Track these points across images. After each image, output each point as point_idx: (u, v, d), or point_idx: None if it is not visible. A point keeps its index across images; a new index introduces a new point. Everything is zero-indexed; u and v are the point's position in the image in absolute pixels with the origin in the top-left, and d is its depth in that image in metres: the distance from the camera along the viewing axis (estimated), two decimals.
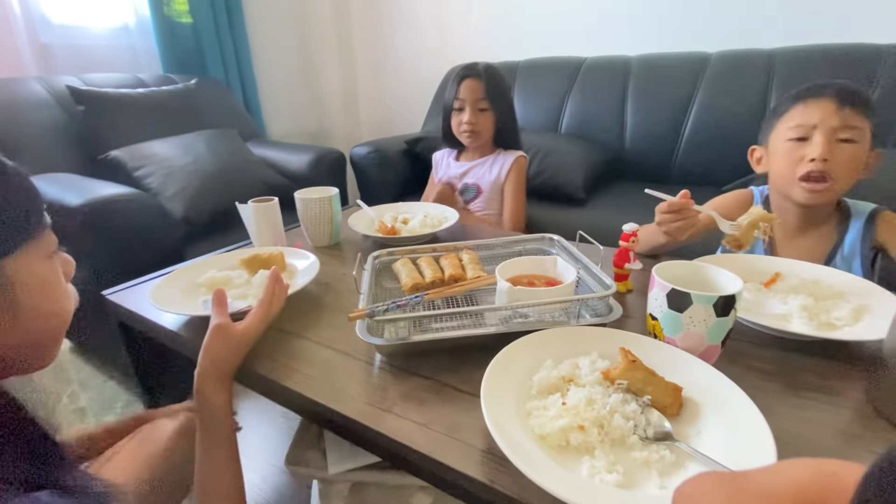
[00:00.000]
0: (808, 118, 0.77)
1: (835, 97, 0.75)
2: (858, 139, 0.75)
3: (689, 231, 0.73)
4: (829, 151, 0.75)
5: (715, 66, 1.67)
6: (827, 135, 0.75)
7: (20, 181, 0.39)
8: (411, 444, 0.47)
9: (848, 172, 0.76)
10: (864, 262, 0.82)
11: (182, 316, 0.72)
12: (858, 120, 0.75)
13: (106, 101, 1.55)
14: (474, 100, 1.29)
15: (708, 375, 0.50)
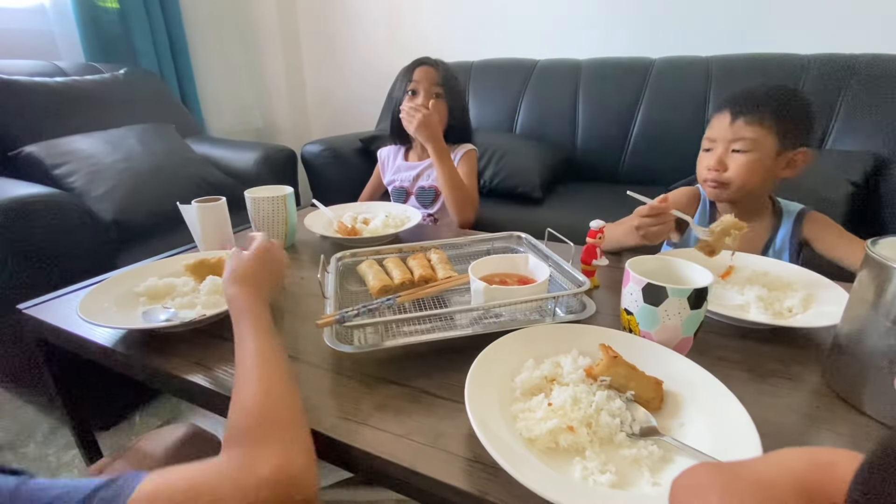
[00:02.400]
0: (711, 132, 0.90)
1: (729, 111, 0.86)
2: (751, 148, 0.85)
3: (664, 236, 0.75)
4: (720, 162, 0.87)
5: (658, 71, 1.76)
6: (722, 146, 0.87)
7: None
8: (392, 457, 0.43)
9: (744, 176, 0.86)
10: (792, 255, 0.90)
11: (117, 330, 0.64)
12: (751, 130, 0.84)
13: (17, 90, 1.37)
14: (429, 84, 1.23)
15: (685, 368, 0.51)
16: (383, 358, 0.58)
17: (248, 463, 0.37)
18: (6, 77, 1.38)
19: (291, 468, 0.37)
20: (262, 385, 0.43)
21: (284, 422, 0.41)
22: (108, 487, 0.31)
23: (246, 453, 0.38)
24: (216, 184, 1.50)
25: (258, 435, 0.39)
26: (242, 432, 0.40)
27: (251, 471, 0.36)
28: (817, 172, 1.26)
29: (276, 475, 0.36)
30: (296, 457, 0.39)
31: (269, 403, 0.42)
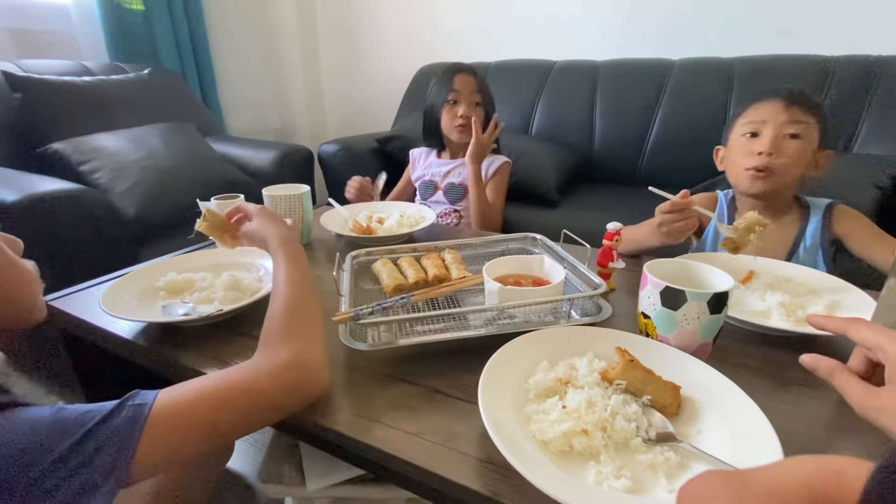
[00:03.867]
0: (759, 115, 0.85)
1: (784, 98, 0.83)
2: (804, 134, 0.82)
3: (689, 232, 0.74)
4: (774, 145, 0.82)
5: (678, 72, 1.73)
6: (775, 129, 0.82)
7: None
8: (405, 456, 0.43)
9: (793, 165, 0.82)
10: (826, 254, 0.87)
11: (138, 323, 0.65)
12: (805, 116, 0.81)
13: (46, 89, 1.41)
14: (469, 93, 1.28)
15: (703, 373, 0.50)
16: (397, 356, 0.58)
17: (266, 356, 0.46)
18: (37, 76, 1.43)
19: (305, 358, 0.47)
20: (288, 302, 0.52)
21: (303, 328, 0.50)
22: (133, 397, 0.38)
23: (266, 351, 0.47)
24: (235, 182, 1.53)
25: (278, 337, 0.48)
26: (267, 336, 0.49)
27: (269, 362, 0.45)
28: (843, 177, 1.23)
29: (288, 364, 0.45)
30: (310, 351, 0.48)
31: (291, 315, 0.50)
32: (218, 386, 0.41)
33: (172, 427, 0.38)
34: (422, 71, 2.21)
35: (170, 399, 0.39)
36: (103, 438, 0.34)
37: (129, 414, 0.36)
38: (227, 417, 0.41)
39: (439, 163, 1.40)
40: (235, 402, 0.41)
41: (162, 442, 0.37)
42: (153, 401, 0.38)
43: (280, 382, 0.44)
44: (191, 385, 0.41)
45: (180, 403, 0.39)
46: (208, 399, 0.40)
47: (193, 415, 0.39)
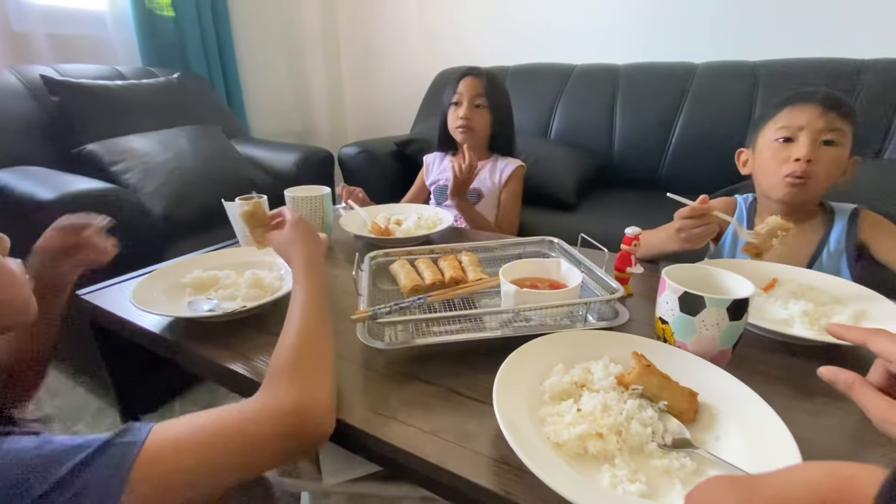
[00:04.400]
0: (794, 120, 0.81)
1: (820, 102, 0.80)
2: (840, 142, 0.79)
3: (708, 238, 0.73)
4: (813, 152, 0.79)
5: (701, 76, 1.71)
6: (812, 136, 0.80)
7: None
8: (420, 453, 0.44)
9: (828, 173, 0.80)
10: (850, 260, 0.85)
11: (165, 317, 0.68)
12: (842, 123, 0.79)
13: (82, 93, 1.47)
14: (472, 95, 1.28)
15: (721, 380, 0.49)
16: (413, 355, 0.59)
17: (270, 397, 0.43)
18: (73, 80, 1.49)
19: (307, 402, 0.43)
20: (301, 334, 0.49)
21: (309, 363, 0.47)
22: (124, 434, 0.35)
23: (270, 391, 0.44)
24: (258, 183, 1.56)
25: (284, 375, 0.45)
26: (275, 372, 0.46)
27: (272, 404, 0.42)
28: (873, 184, 1.19)
29: (292, 408, 0.42)
30: (317, 393, 0.44)
31: (302, 350, 0.47)
32: (215, 426, 0.38)
33: (162, 471, 0.34)
34: (441, 75, 2.23)
35: (163, 438, 0.35)
36: (87, 479, 0.31)
37: (118, 452, 0.33)
38: (222, 461, 0.38)
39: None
40: (232, 444, 0.38)
41: (150, 485, 0.33)
42: (144, 439, 0.34)
43: (280, 427, 0.40)
44: (186, 423, 0.38)
45: (173, 445, 0.35)
46: (204, 440, 0.37)
47: (187, 458, 0.36)
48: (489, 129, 1.32)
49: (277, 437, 0.40)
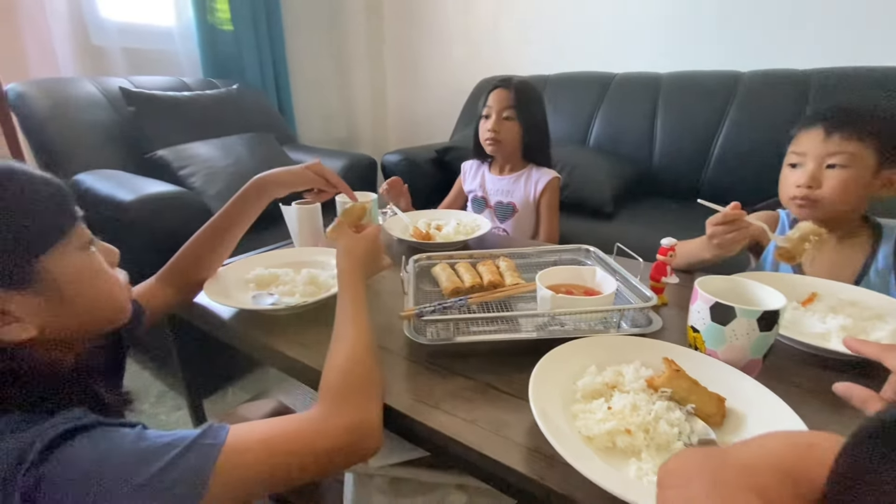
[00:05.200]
0: (800, 146, 0.84)
1: (824, 126, 0.81)
2: (848, 163, 0.79)
3: (741, 244, 0.74)
4: (813, 178, 0.81)
5: (747, 85, 1.68)
6: (815, 161, 0.81)
7: (48, 188, 0.45)
8: (462, 439, 0.49)
9: (839, 193, 0.80)
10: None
11: (231, 309, 0.76)
12: (848, 145, 0.79)
13: (154, 103, 1.62)
14: (500, 108, 1.30)
15: (750, 388, 0.51)
16: (453, 352, 0.64)
17: (331, 415, 0.47)
18: (147, 91, 1.65)
19: (364, 424, 0.48)
20: (351, 352, 0.53)
21: (363, 386, 0.51)
22: (205, 436, 0.40)
23: (330, 408, 0.48)
24: None
25: (342, 394, 0.49)
26: (331, 390, 0.50)
27: (333, 422, 0.46)
28: None
29: (350, 427, 0.46)
30: (367, 415, 0.49)
31: (352, 369, 0.52)
32: (283, 436, 0.43)
33: (238, 470, 0.39)
34: (481, 83, 2.28)
35: (239, 442, 0.40)
36: (179, 473, 0.36)
37: (201, 453, 0.38)
38: (287, 467, 0.42)
39: (491, 179, 1.43)
40: (297, 454, 0.43)
41: (227, 482, 0.38)
42: (223, 441, 0.39)
43: (339, 443, 0.45)
44: (257, 431, 0.43)
45: (248, 448, 0.40)
46: (272, 448, 0.42)
47: (258, 461, 0.41)
48: (520, 141, 1.33)
49: (336, 451, 0.45)
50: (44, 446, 0.33)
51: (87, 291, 0.46)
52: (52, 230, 0.43)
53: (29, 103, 1.46)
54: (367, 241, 0.69)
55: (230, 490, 0.39)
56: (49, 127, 1.47)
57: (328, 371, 0.52)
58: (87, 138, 1.53)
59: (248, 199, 0.77)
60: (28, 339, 0.40)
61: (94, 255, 0.48)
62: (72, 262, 0.44)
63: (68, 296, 0.43)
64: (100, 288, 0.48)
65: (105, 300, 0.48)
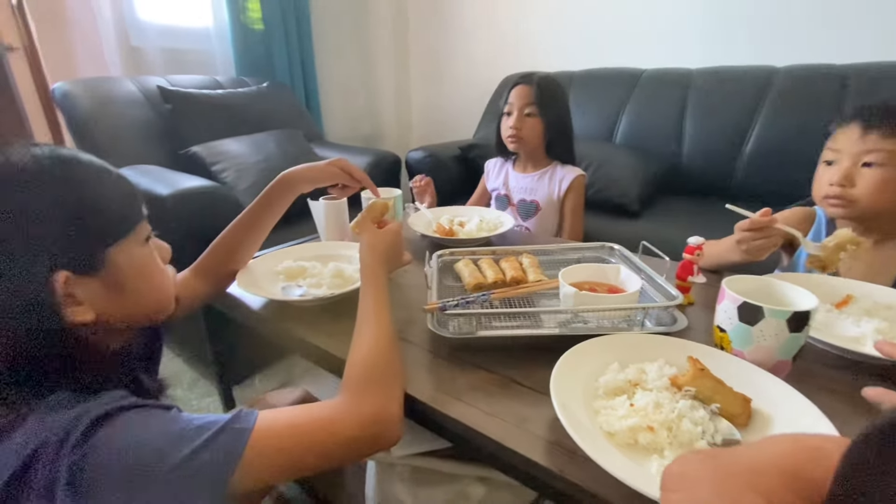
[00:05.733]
0: (836, 143, 0.82)
1: (859, 124, 0.79)
2: (885, 162, 0.77)
3: (770, 251, 0.73)
4: (847, 177, 0.79)
5: (783, 81, 1.62)
6: (850, 160, 0.79)
7: (124, 184, 0.49)
8: (483, 431, 0.50)
9: (875, 193, 0.78)
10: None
11: (262, 299, 0.79)
12: (886, 143, 0.76)
13: (190, 101, 1.69)
14: (522, 105, 1.29)
15: (778, 389, 0.50)
16: (475, 346, 0.65)
17: (354, 405, 0.48)
18: (183, 90, 1.71)
19: (385, 414, 0.49)
20: (373, 345, 0.55)
21: (385, 377, 0.52)
22: (236, 420, 0.41)
23: (353, 398, 0.49)
24: None
25: (364, 385, 0.50)
26: (354, 381, 0.51)
27: (356, 411, 0.48)
28: None
29: (373, 417, 0.48)
30: (390, 406, 0.50)
31: (375, 361, 0.53)
32: (309, 423, 0.45)
33: (266, 453, 0.41)
34: (505, 80, 2.27)
35: (267, 427, 0.42)
36: (213, 451, 0.38)
37: (231, 437, 0.40)
38: (311, 453, 0.44)
39: (514, 177, 1.43)
40: (320, 440, 0.44)
41: (255, 465, 0.40)
42: (253, 425, 0.41)
43: (364, 433, 0.46)
44: (284, 417, 0.44)
45: (275, 433, 0.42)
46: (298, 434, 0.43)
47: (284, 446, 0.42)
48: (542, 137, 1.32)
49: (357, 440, 0.46)
50: (87, 425, 0.35)
51: (143, 284, 0.49)
52: (124, 223, 0.46)
53: (74, 102, 1.54)
54: (389, 237, 0.71)
55: (257, 473, 0.40)
56: (92, 124, 1.54)
57: (351, 363, 0.53)
58: (128, 135, 1.60)
59: (275, 194, 0.80)
60: (86, 322, 0.42)
61: (152, 252, 0.51)
62: (135, 255, 0.47)
63: (127, 286, 0.46)
64: (154, 282, 0.51)
65: (157, 293, 0.51)
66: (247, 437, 0.40)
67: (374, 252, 0.67)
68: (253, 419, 0.42)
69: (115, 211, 0.46)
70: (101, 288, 0.44)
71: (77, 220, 0.41)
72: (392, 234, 0.71)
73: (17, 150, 0.41)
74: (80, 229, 0.42)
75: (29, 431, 0.35)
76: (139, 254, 0.48)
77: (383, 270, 0.65)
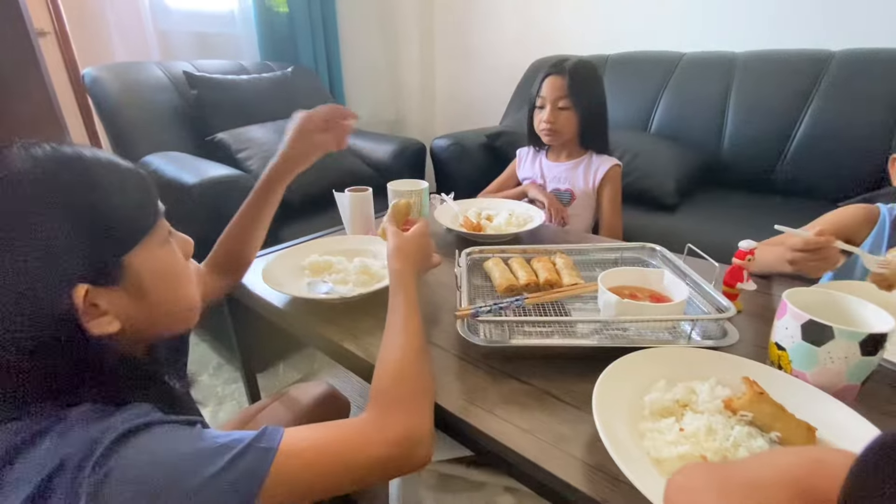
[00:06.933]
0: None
1: None
2: None
3: (826, 270, 0.67)
4: None
5: (838, 66, 1.50)
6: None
7: (136, 181, 0.44)
8: (519, 449, 0.47)
9: None
10: None
11: (286, 296, 0.77)
12: None
13: (215, 86, 1.67)
14: (555, 98, 1.23)
15: (846, 418, 0.46)
16: (507, 354, 0.62)
17: (382, 424, 0.45)
18: (209, 75, 1.70)
19: (415, 433, 0.45)
20: (401, 357, 0.52)
21: (415, 394, 0.49)
22: (261, 439, 0.39)
23: (381, 416, 0.46)
24: (358, 173, 1.68)
25: (393, 402, 0.47)
26: (382, 396, 0.48)
27: (384, 430, 0.45)
28: None
29: (402, 436, 0.44)
30: (418, 425, 0.46)
31: (405, 375, 0.50)
32: (335, 443, 0.43)
33: (291, 473, 0.39)
34: (534, 65, 2.18)
35: (292, 446, 0.40)
36: (235, 475, 0.36)
37: (256, 457, 0.38)
38: (337, 474, 0.42)
39: (548, 166, 1.38)
40: (347, 461, 0.42)
41: (280, 485, 0.38)
42: (278, 445, 0.39)
43: (389, 453, 0.44)
44: (311, 436, 0.42)
45: (301, 452, 0.40)
46: (324, 453, 0.41)
47: (310, 465, 0.40)
48: (577, 129, 1.27)
49: (385, 461, 0.44)
50: (110, 443, 0.34)
51: (168, 287, 0.45)
52: (139, 226, 0.43)
53: (103, 87, 1.55)
54: (416, 240, 0.67)
55: (282, 493, 0.38)
56: (121, 110, 1.55)
57: (380, 376, 0.50)
58: (155, 121, 1.61)
59: (262, 196, 0.79)
60: (111, 332, 0.40)
61: (174, 250, 0.47)
62: (156, 258, 0.44)
63: (151, 291, 0.43)
64: (178, 287, 0.47)
65: (181, 300, 0.48)
66: (272, 457, 0.38)
67: (403, 257, 0.64)
68: (278, 438, 0.40)
69: (127, 214, 0.42)
70: (125, 297, 0.42)
71: (87, 229, 0.38)
72: (419, 237, 0.68)
73: (14, 154, 0.37)
74: (92, 239, 0.38)
75: (50, 448, 0.34)
76: (160, 255, 0.45)
77: (413, 276, 0.62)
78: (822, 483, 0.22)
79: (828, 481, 0.21)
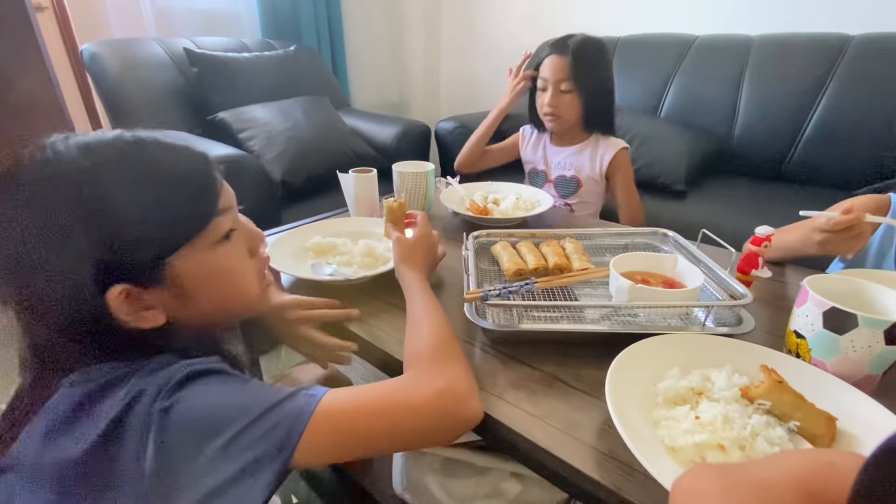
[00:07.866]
0: None
1: None
2: None
3: (858, 248, 0.65)
4: None
5: (856, 50, 1.46)
6: None
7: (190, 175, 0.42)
8: (530, 436, 0.46)
9: None
10: None
11: (290, 277, 0.76)
12: None
13: (217, 64, 1.64)
14: (557, 80, 1.17)
15: (867, 407, 0.44)
16: (515, 338, 0.61)
17: (426, 375, 0.46)
18: (209, 53, 1.66)
19: (458, 386, 0.45)
20: (433, 330, 0.52)
21: (453, 356, 0.49)
22: (306, 388, 0.41)
23: (425, 370, 0.47)
24: (362, 154, 1.65)
25: (433, 360, 0.48)
26: (420, 358, 0.49)
27: (428, 381, 0.45)
28: None
29: (446, 388, 0.44)
30: (462, 379, 0.46)
31: (439, 342, 0.50)
32: (378, 396, 0.42)
33: (333, 423, 0.39)
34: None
35: (334, 399, 0.40)
36: (280, 417, 0.37)
37: (301, 402, 0.39)
38: (382, 427, 0.41)
39: (553, 151, 1.32)
40: (389, 412, 0.42)
41: (322, 435, 0.38)
42: (321, 396, 0.40)
43: (439, 403, 0.43)
44: (351, 392, 0.42)
45: (342, 405, 0.40)
46: (367, 406, 0.41)
47: (353, 418, 0.40)
48: (580, 112, 1.21)
49: (435, 413, 0.43)
50: (182, 377, 0.37)
51: (213, 291, 0.43)
52: (181, 232, 0.40)
53: (102, 64, 1.52)
54: (421, 242, 0.67)
55: (323, 442, 0.39)
56: (120, 87, 1.52)
57: (415, 343, 0.51)
58: (156, 99, 1.58)
59: None
60: (157, 326, 0.40)
61: (229, 252, 0.44)
62: (199, 263, 0.41)
63: (193, 295, 0.42)
64: (228, 289, 0.45)
65: (233, 300, 0.46)
66: (316, 402, 0.39)
67: (411, 264, 0.64)
68: (321, 391, 0.41)
69: (174, 217, 0.39)
70: (169, 296, 0.41)
71: (120, 230, 0.37)
72: (423, 238, 0.68)
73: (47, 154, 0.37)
74: (127, 241, 0.37)
75: (134, 383, 0.37)
76: (207, 260, 0.42)
77: (425, 280, 0.63)
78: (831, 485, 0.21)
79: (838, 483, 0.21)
